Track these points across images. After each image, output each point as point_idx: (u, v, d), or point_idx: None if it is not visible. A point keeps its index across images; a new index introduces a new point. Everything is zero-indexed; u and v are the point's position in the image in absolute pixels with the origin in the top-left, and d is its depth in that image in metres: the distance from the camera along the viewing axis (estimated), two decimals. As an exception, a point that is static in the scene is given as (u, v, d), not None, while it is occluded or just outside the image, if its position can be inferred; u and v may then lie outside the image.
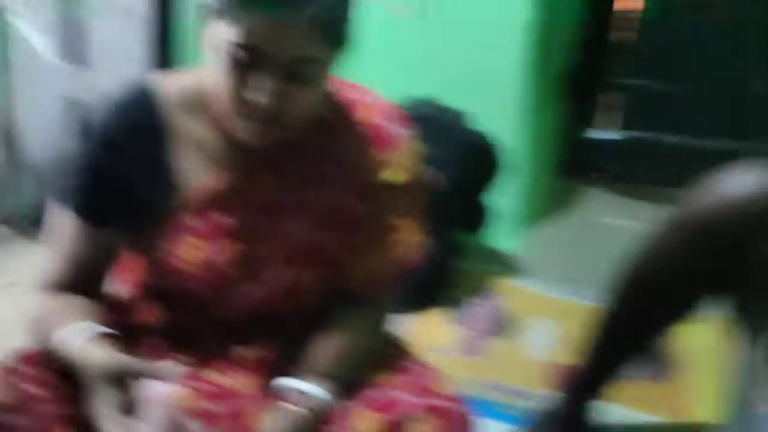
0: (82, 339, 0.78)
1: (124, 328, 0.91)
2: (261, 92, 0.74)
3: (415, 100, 1.82)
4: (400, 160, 0.88)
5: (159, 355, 0.89)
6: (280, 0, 0.71)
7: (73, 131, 1.91)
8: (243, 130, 0.79)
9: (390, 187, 0.88)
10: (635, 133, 2.37)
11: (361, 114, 0.88)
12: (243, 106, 0.76)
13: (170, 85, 0.86)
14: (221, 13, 0.74)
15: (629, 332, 1.18)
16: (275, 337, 0.91)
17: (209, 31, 0.77)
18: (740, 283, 1.09)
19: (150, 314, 0.93)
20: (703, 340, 1.58)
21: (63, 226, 0.86)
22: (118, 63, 1.86)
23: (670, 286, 1.10)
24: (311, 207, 0.86)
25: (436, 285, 1.68)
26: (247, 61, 0.73)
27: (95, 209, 0.85)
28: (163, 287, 0.90)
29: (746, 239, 1.02)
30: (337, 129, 0.87)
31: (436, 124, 1.71)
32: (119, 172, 0.84)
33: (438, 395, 0.81)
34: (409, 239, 0.90)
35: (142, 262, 0.92)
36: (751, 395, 1.07)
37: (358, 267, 0.89)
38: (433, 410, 0.79)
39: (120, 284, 0.97)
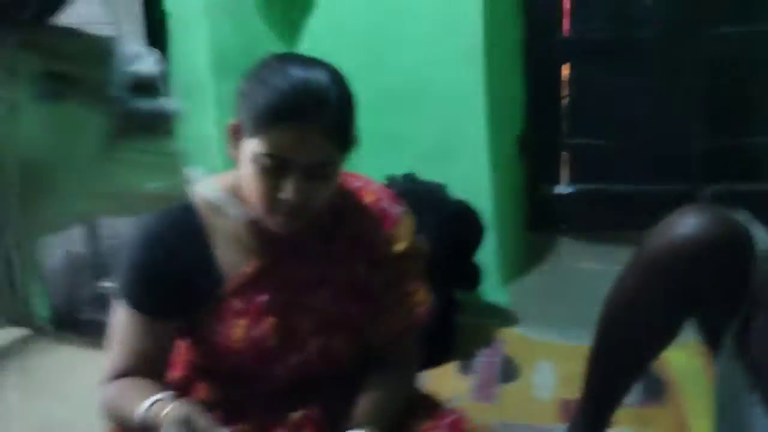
0: (159, 405, 0.88)
1: None
2: (288, 192, 0.88)
3: (400, 177, 2.01)
4: (401, 234, 1.03)
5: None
6: (300, 117, 0.86)
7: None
8: (274, 223, 0.92)
9: (397, 258, 1.03)
10: (587, 186, 2.59)
11: (365, 198, 1.04)
12: (273, 204, 0.90)
13: (202, 189, 1.00)
14: (250, 131, 0.89)
15: (617, 368, 1.28)
16: (319, 399, 1.01)
17: (240, 146, 0.91)
18: (696, 312, 1.20)
19: (203, 392, 1.03)
20: (689, 362, 1.74)
21: (123, 321, 0.96)
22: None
23: (638, 322, 1.20)
24: (333, 281, 0.99)
25: (444, 342, 1.82)
26: (274, 168, 0.88)
27: (151, 304, 0.95)
28: (214, 366, 1.01)
29: (696, 277, 1.13)
30: (347, 213, 1.02)
31: (421, 197, 1.89)
32: (169, 268, 0.95)
33: None
34: (420, 299, 1.05)
35: (192, 345, 1.02)
36: (736, 403, 1.21)
37: (381, 329, 1.03)
38: None
39: (171, 369, 1.06)
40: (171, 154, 0.58)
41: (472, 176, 2.14)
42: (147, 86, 0.49)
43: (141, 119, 0.52)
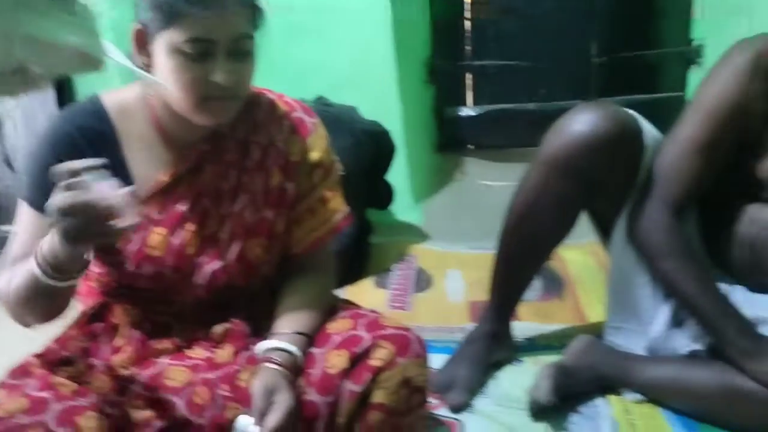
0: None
1: (105, 330, 1.01)
2: (220, 74, 0.88)
3: (311, 100, 2.02)
4: (317, 143, 1.05)
5: (142, 346, 0.99)
6: None
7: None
8: (207, 113, 0.91)
9: (313, 165, 1.05)
10: (489, 107, 2.70)
11: (279, 108, 1.05)
12: (204, 91, 0.89)
13: (113, 97, 0.99)
14: (161, 25, 0.87)
15: (520, 261, 1.37)
16: (240, 312, 1.04)
17: (150, 48, 0.90)
18: (591, 204, 1.31)
19: (122, 315, 1.02)
20: (584, 260, 1.91)
21: (22, 219, 0.95)
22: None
23: (539, 217, 1.29)
24: (249, 189, 1.01)
25: (359, 260, 1.89)
26: (199, 53, 0.87)
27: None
28: (131, 284, 0.99)
29: (592, 169, 1.22)
30: (262, 122, 1.03)
31: (333, 118, 1.91)
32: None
33: (389, 327, 0.97)
34: (336, 207, 1.08)
35: (107, 264, 0.99)
36: (628, 284, 1.32)
37: (299, 234, 1.05)
38: (388, 338, 0.94)
39: (87, 298, 1.06)
40: (88, 17, 0.57)
41: (381, 101, 2.18)
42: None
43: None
